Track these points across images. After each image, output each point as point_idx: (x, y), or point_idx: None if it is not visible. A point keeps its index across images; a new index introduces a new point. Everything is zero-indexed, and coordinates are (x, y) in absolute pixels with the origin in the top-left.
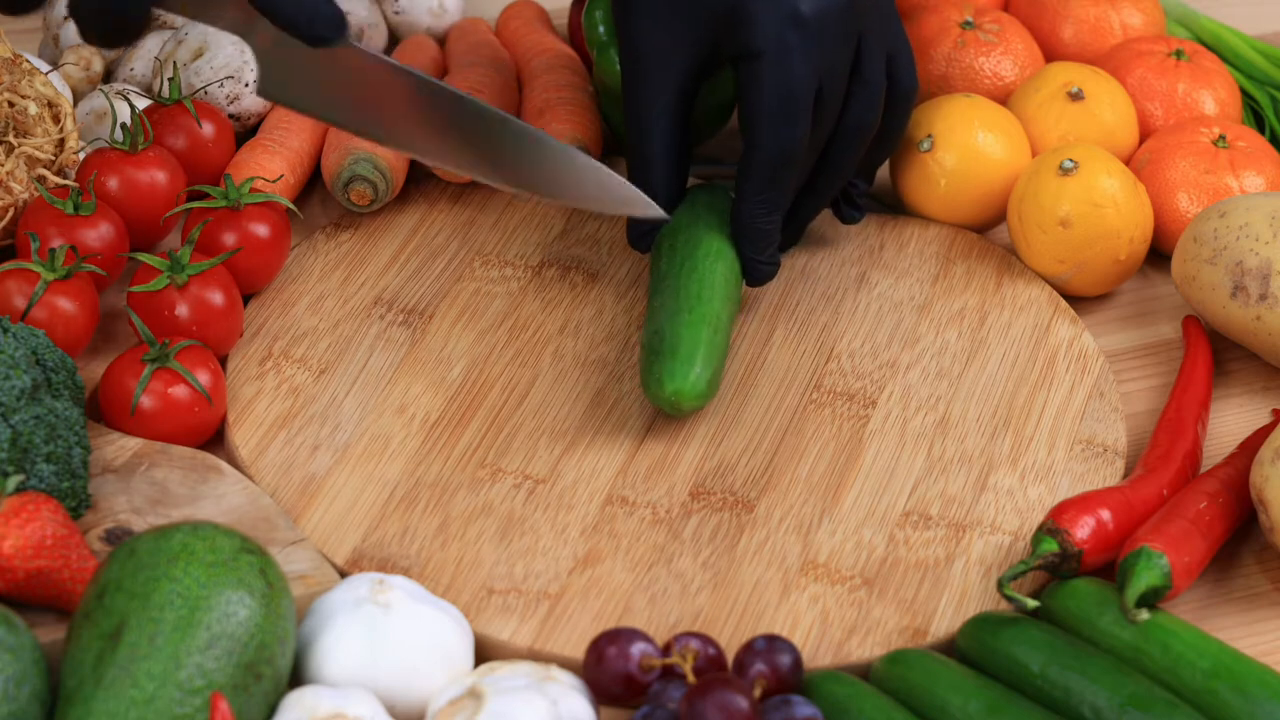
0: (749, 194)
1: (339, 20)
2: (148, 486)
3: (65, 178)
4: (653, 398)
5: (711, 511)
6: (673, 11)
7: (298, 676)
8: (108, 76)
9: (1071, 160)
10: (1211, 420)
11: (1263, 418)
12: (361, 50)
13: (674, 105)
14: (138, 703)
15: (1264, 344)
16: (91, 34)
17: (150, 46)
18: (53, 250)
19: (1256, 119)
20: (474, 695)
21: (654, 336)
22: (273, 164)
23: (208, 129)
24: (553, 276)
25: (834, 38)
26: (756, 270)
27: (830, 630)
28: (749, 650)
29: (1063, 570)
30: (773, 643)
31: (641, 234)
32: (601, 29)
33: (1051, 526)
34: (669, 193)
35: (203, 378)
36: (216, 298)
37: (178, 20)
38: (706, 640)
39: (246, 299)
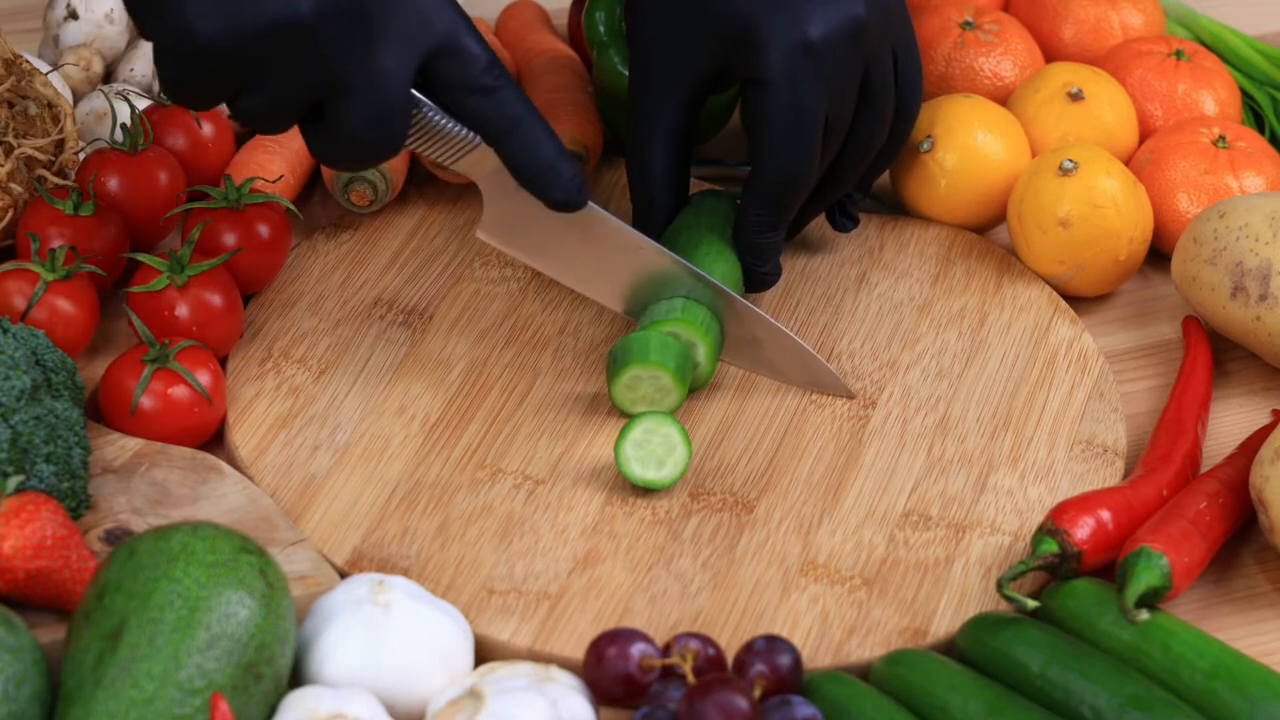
0: (753, 214)
1: (582, 189)
2: (148, 487)
3: (65, 178)
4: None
5: (711, 512)
6: (684, 29)
7: (298, 677)
8: (108, 77)
9: (1071, 161)
10: (1211, 420)
11: (1263, 418)
12: (602, 214)
13: (678, 118)
14: (138, 703)
15: (1264, 344)
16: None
17: (150, 46)
18: (53, 250)
19: (1256, 119)
20: (474, 695)
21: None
22: (273, 164)
23: (208, 129)
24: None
25: (844, 63)
26: (758, 279)
27: (830, 630)
28: (749, 650)
29: (1062, 570)
30: (772, 643)
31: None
32: (602, 29)
33: (1051, 527)
34: (668, 203)
35: (203, 378)
36: (216, 298)
37: None
38: (706, 640)
39: (246, 299)
